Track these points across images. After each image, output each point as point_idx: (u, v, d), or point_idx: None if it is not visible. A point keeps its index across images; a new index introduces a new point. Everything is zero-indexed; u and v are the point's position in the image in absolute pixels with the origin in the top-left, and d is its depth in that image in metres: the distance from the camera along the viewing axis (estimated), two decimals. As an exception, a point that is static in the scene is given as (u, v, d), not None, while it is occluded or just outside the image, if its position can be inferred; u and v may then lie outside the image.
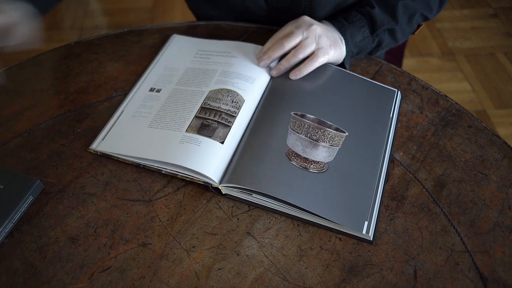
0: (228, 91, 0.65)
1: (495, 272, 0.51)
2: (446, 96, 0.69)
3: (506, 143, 0.63)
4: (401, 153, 0.62)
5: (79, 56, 0.74)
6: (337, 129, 0.61)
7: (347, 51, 0.70)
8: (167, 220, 0.55)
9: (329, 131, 0.61)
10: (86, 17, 1.98)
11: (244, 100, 0.64)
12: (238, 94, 0.64)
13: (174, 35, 0.77)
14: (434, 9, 0.73)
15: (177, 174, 0.57)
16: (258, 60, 0.70)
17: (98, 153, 0.60)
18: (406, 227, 0.55)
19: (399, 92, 0.68)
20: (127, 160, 0.59)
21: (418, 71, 1.75)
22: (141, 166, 0.59)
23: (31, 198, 0.55)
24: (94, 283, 0.50)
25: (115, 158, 0.60)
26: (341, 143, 0.60)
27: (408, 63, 1.78)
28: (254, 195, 0.55)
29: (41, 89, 0.69)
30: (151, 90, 0.67)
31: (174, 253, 0.52)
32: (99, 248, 0.52)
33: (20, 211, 0.54)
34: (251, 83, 0.67)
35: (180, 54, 0.73)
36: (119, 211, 0.56)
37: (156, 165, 0.58)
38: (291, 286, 0.50)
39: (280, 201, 0.54)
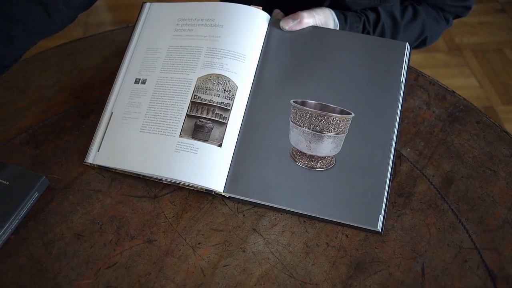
0: (218, 76, 0.59)
1: (504, 269, 0.51)
2: (453, 92, 0.68)
3: (515, 139, 0.62)
4: (408, 149, 0.61)
5: (84, 52, 0.74)
6: (341, 112, 0.57)
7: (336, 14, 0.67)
8: (173, 216, 0.55)
9: (333, 116, 0.56)
10: (91, 14, 1.98)
11: (237, 87, 0.59)
12: (229, 80, 0.59)
13: (147, 4, 0.67)
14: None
15: (179, 183, 0.57)
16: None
17: (95, 166, 0.59)
18: (414, 224, 0.54)
19: (408, 45, 0.60)
20: (126, 172, 0.58)
21: (425, 66, 1.73)
22: (141, 177, 0.58)
23: (36, 194, 0.55)
24: (100, 279, 0.50)
25: (113, 171, 0.59)
26: (347, 128, 0.56)
27: (415, 58, 1.76)
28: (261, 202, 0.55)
29: (46, 86, 0.69)
30: (136, 81, 0.62)
31: (180, 250, 0.52)
32: (104, 244, 0.52)
33: (26, 208, 0.54)
34: (242, 61, 0.60)
35: (159, 28, 0.65)
36: (124, 208, 0.55)
37: (155, 176, 0.57)
38: (298, 283, 0.50)
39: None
